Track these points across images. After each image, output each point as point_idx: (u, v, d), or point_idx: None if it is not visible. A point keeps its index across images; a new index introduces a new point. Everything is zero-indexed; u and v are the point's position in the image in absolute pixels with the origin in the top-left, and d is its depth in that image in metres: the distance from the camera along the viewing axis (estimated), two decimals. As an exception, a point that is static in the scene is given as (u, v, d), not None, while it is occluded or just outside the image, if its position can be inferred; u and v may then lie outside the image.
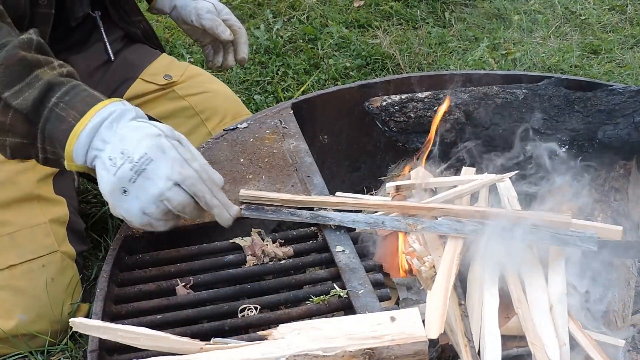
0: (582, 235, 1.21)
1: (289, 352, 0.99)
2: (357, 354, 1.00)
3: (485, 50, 2.86)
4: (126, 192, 1.16)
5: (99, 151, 1.17)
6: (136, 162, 1.14)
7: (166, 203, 1.16)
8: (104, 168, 1.16)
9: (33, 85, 1.19)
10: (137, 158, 1.14)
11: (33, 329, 1.45)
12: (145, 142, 1.15)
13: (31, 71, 1.20)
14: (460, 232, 1.25)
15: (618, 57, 2.86)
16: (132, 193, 1.16)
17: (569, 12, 3.21)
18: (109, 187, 1.16)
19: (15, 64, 1.19)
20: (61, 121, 1.18)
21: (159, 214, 1.18)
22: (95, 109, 1.18)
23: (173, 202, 1.16)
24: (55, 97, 1.18)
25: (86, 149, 1.17)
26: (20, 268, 1.45)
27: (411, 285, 1.29)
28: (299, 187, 1.48)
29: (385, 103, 1.70)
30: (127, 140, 1.16)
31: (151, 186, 1.15)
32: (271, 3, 3.22)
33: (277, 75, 2.75)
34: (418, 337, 1.01)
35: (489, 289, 1.19)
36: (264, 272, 1.32)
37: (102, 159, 1.16)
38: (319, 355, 1.00)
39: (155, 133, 1.17)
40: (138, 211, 1.17)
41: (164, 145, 1.16)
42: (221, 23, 1.80)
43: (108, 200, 1.18)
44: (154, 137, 1.16)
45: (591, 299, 1.25)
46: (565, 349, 1.10)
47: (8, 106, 1.19)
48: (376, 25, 3.09)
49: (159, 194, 1.15)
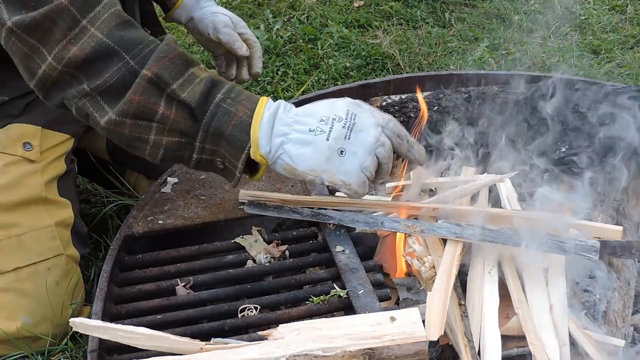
0: (584, 244, 1.21)
1: (289, 352, 0.99)
2: (357, 354, 1.00)
3: (485, 50, 2.86)
4: (343, 153, 1.18)
5: (284, 136, 1.18)
6: (345, 119, 1.18)
7: (379, 150, 1.19)
8: (306, 143, 1.18)
9: (192, 81, 1.19)
10: (344, 115, 1.18)
11: (36, 332, 1.45)
12: (339, 104, 1.20)
13: (188, 68, 1.20)
14: (459, 236, 1.25)
15: (618, 57, 2.86)
16: (349, 150, 1.18)
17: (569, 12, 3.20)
18: (324, 155, 1.18)
19: (177, 57, 1.19)
20: (230, 116, 1.18)
21: (373, 166, 1.20)
22: (261, 104, 1.20)
23: (386, 145, 1.20)
24: (221, 94, 1.19)
25: (270, 135, 1.18)
26: (27, 270, 1.45)
27: (411, 285, 1.29)
28: (299, 187, 1.48)
29: (385, 103, 1.70)
30: (319, 110, 1.19)
31: (365, 137, 1.18)
32: (271, 3, 3.22)
33: (277, 75, 2.74)
34: (418, 337, 1.01)
35: (489, 289, 1.19)
36: (264, 272, 1.32)
37: (297, 138, 1.18)
38: (319, 355, 1.00)
39: (339, 98, 1.22)
40: (357, 168, 1.19)
41: (356, 102, 1.21)
42: (238, 38, 1.79)
43: (324, 170, 1.19)
44: (343, 100, 1.21)
45: (591, 299, 1.25)
46: (565, 349, 1.10)
47: (174, 98, 1.18)
48: (376, 25, 3.09)
49: (375, 141, 1.18)
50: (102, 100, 1.19)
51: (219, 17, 1.81)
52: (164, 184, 1.53)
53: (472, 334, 1.13)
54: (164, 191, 1.52)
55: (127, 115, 1.18)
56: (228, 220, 1.41)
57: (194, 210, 1.45)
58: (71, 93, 1.20)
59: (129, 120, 1.18)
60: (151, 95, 1.17)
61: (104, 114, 1.19)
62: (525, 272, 1.23)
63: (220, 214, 1.42)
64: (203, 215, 1.42)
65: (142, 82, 1.17)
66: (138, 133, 1.20)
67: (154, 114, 1.18)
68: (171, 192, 1.51)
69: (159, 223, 1.42)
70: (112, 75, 1.18)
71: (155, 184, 1.54)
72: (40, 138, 1.51)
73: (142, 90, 1.17)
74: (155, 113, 1.18)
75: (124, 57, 1.18)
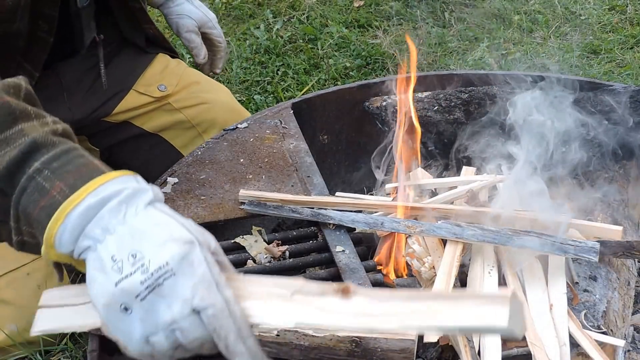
0: (584, 246, 1.21)
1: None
2: (344, 340, 1.03)
3: (485, 50, 2.86)
4: (127, 311, 0.83)
5: (95, 242, 0.85)
6: (151, 274, 0.82)
7: (177, 334, 0.83)
8: (101, 269, 0.84)
9: (14, 141, 0.89)
10: (155, 269, 0.82)
11: (25, 338, 1.45)
12: (170, 248, 0.83)
13: (15, 123, 0.90)
14: (459, 237, 1.25)
15: (618, 57, 2.86)
16: (136, 313, 0.83)
17: (569, 12, 3.21)
18: (104, 299, 0.83)
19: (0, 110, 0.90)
20: (41, 194, 0.87)
21: (168, 346, 0.84)
22: (93, 183, 0.86)
23: (186, 334, 0.83)
24: (39, 162, 0.88)
25: (76, 236, 0.85)
26: (5, 279, 1.44)
27: (411, 286, 1.29)
28: (299, 187, 1.48)
29: (385, 103, 1.70)
30: (144, 238, 0.84)
31: (164, 309, 0.82)
32: (271, 3, 3.22)
33: (277, 75, 2.75)
34: (407, 335, 1.02)
35: (489, 289, 1.19)
36: (264, 272, 1.32)
37: (100, 255, 0.84)
38: (309, 334, 1.03)
39: (186, 239, 0.85)
40: (140, 338, 0.84)
41: (194, 258, 0.84)
42: (197, 44, 1.81)
43: (100, 313, 0.85)
44: (183, 244, 0.84)
45: (591, 299, 1.25)
46: (565, 349, 1.10)
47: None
48: (376, 25, 3.09)
49: (171, 320, 0.82)
50: None
51: (183, 20, 1.81)
52: (164, 184, 1.53)
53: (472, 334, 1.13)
54: (164, 191, 1.52)
55: None
56: (228, 220, 1.41)
57: (194, 210, 1.45)
58: None
59: None
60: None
61: None
62: (525, 272, 1.23)
63: (220, 214, 1.42)
64: (203, 215, 1.42)
65: None
66: None
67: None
68: (171, 192, 1.51)
69: (159, 223, 1.42)
70: None
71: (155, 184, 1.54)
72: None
73: None
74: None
75: None
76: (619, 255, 1.30)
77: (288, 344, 1.04)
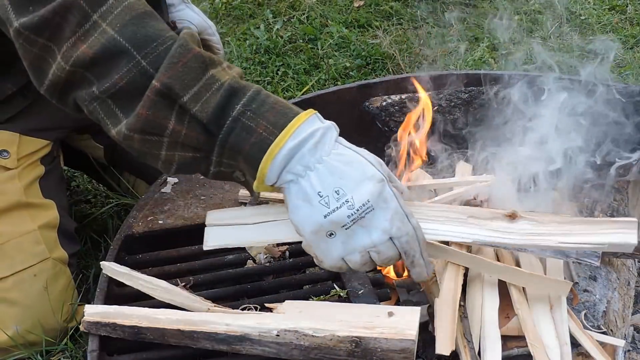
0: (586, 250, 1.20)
1: (281, 326, 1.04)
2: (344, 340, 1.03)
3: (485, 50, 2.86)
4: (332, 235, 1.03)
5: (297, 177, 1.02)
6: (357, 209, 1.01)
7: (373, 254, 1.04)
8: (306, 200, 1.02)
9: (210, 87, 1.03)
10: (359, 205, 1.01)
11: (28, 339, 1.45)
12: (368, 187, 1.02)
13: (206, 71, 1.03)
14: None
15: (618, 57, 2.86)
16: (339, 238, 1.03)
17: (569, 12, 3.20)
18: (312, 227, 1.03)
19: (192, 60, 1.03)
20: (250, 133, 1.02)
21: (359, 262, 1.05)
22: (292, 125, 1.02)
23: (382, 255, 1.04)
24: (241, 105, 1.03)
25: (280, 171, 1.02)
26: (12, 279, 1.44)
27: (411, 287, 1.29)
28: (299, 187, 1.48)
29: (385, 103, 1.70)
30: (343, 177, 1.02)
31: (364, 236, 1.03)
32: (271, 3, 3.22)
33: (277, 75, 2.75)
34: (407, 335, 1.02)
35: (488, 290, 1.19)
36: (264, 272, 1.32)
37: (304, 188, 1.02)
38: (309, 334, 1.04)
39: (378, 178, 1.02)
40: (337, 256, 1.05)
41: (387, 194, 1.03)
42: None
43: (303, 235, 1.05)
44: (377, 183, 1.02)
45: (591, 299, 1.25)
46: (565, 349, 1.10)
47: (186, 112, 1.02)
48: (376, 25, 3.09)
49: (370, 245, 1.03)
50: (113, 104, 1.05)
51: (183, 25, 1.80)
52: (164, 184, 1.53)
53: (472, 335, 1.12)
54: (164, 191, 1.52)
55: (135, 130, 1.04)
56: (228, 220, 1.41)
57: (194, 210, 1.45)
58: (81, 95, 1.07)
59: (138, 135, 1.04)
60: (160, 109, 1.02)
61: (116, 122, 1.06)
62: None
63: (220, 214, 1.42)
64: (203, 215, 1.41)
65: (150, 95, 1.02)
66: (148, 148, 1.06)
67: (164, 130, 1.04)
68: (171, 192, 1.51)
69: (159, 223, 1.42)
70: (122, 77, 1.02)
71: (155, 184, 1.54)
72: (17, 145, 1.49)
73: (150, 104, 1.02)
74: (165, 128, 1.04)
75: (135, 56, 1.02)
76: (619, 256, 1.30)
77: (288, 344, 1.04)
